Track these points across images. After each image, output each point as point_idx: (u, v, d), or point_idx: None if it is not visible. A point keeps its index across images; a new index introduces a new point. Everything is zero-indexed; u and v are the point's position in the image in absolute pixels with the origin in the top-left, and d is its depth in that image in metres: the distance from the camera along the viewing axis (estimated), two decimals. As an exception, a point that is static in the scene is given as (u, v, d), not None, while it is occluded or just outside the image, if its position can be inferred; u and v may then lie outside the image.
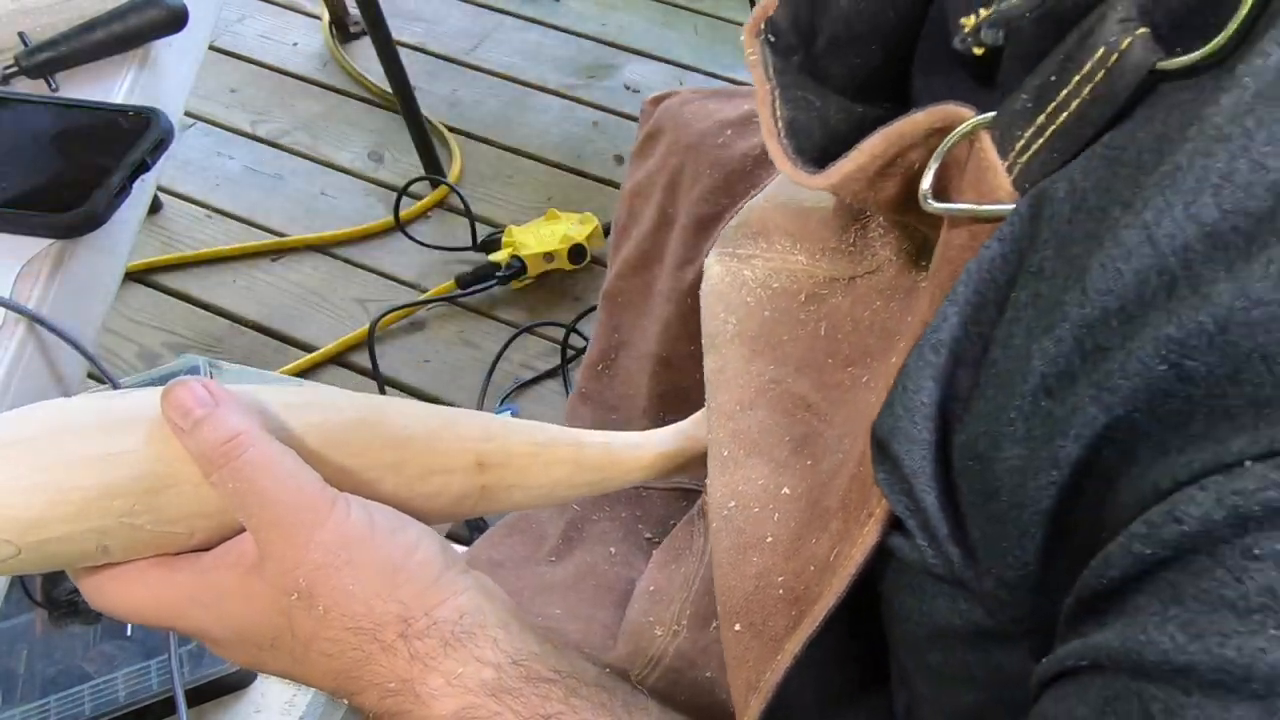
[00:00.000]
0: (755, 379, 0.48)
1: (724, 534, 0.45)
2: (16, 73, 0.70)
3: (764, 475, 0.45)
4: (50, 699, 0.77)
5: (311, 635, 0.40)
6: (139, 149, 0.63)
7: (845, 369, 0.46)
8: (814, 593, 0.40)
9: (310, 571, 0.40)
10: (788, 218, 0.53)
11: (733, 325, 0.50)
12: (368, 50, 1.75)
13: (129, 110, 0.66)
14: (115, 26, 0.70)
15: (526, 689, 0.40)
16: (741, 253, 0.54)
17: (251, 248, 1.66)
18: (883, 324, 0.46)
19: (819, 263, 0.51)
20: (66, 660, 0.79)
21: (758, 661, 0.41)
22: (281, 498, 0.40)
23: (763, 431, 0.46)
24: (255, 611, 0.41)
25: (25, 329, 0.59)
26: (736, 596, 0.43)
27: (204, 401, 0.40)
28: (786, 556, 0.42)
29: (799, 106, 0.43)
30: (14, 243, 0.61)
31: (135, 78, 0.71)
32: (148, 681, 0.77)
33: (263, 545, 0.40)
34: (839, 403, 0.45)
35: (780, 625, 0.41)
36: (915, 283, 0.45)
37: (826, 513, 0.42)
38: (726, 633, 0.43)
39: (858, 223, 0.50)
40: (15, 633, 0.81)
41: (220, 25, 1.96)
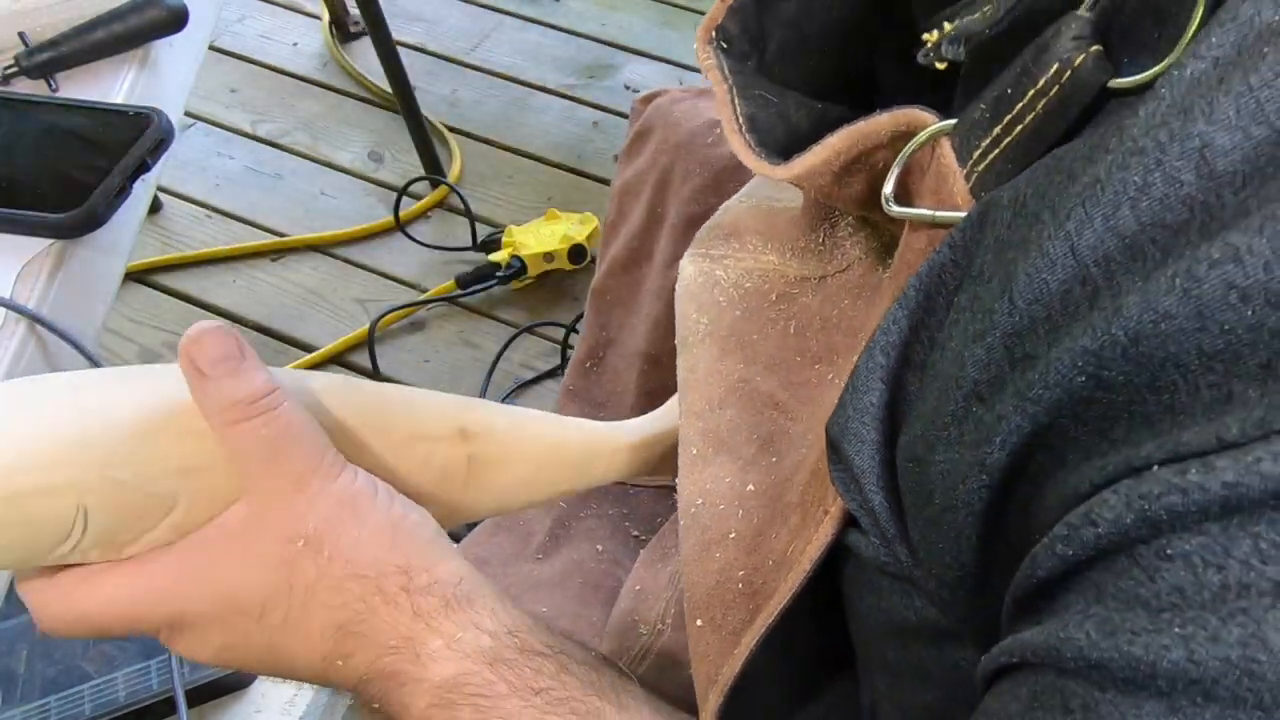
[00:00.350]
0: (725, 378, 0.48)
1: (691, 531, 0.45)
2: (16, 73, 0.70)
3: (730, 473, 0.45)
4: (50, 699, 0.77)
5: (314, 583, 0.40)
6: (139, 149, 0.63)
7: (813, 367, 0.47)
8: (771, 587, 0.40)
9: (319, 518, 0.40)
10: (759, 218, 0.54)
11: (704, 325, 0.51)
12: (368, 50, 1.75)
13: (129, 110, 0.66)
14: (115, 26, 0.70)
15: (521, 661, 0.40)
16: (714, 253, 0.54)
17: (251, 248, 1.66)
18: (849, 322, 0.46)
19: (789, 262, 0.52)
20: (66, 660, 0.79)
21: (717, 656, 0.42)
22: (301, 451, 0.40)
23: (731, 430, 0.47)
24: (250, 568, 0.40)
25: (25, 329, 0.59)
26: (699, 592, 0.43)
27: (234, 353, 0.40)
28: (748, 551, 0.42)
29: (758, 104, 0.43)
30: (14, 243, 0.61)
31: (135, 78, 0.72)
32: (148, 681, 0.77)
33: (270, 496, 0.40)
34: (806, 400, 0.46)
35: (738, 619, 0.41)
36: (881, 281, 0.46)
37: (787, 508, 0.42)
38: (690, 628, 0.43)
39: (827, 222, 0.51)
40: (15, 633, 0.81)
41: (220, 25, 1.96)
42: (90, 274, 0.64)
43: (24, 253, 0.61)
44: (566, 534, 0.71)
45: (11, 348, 0.59)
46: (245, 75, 1.94)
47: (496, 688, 0.40)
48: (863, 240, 0.49)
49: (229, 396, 0.39)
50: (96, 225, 0.62)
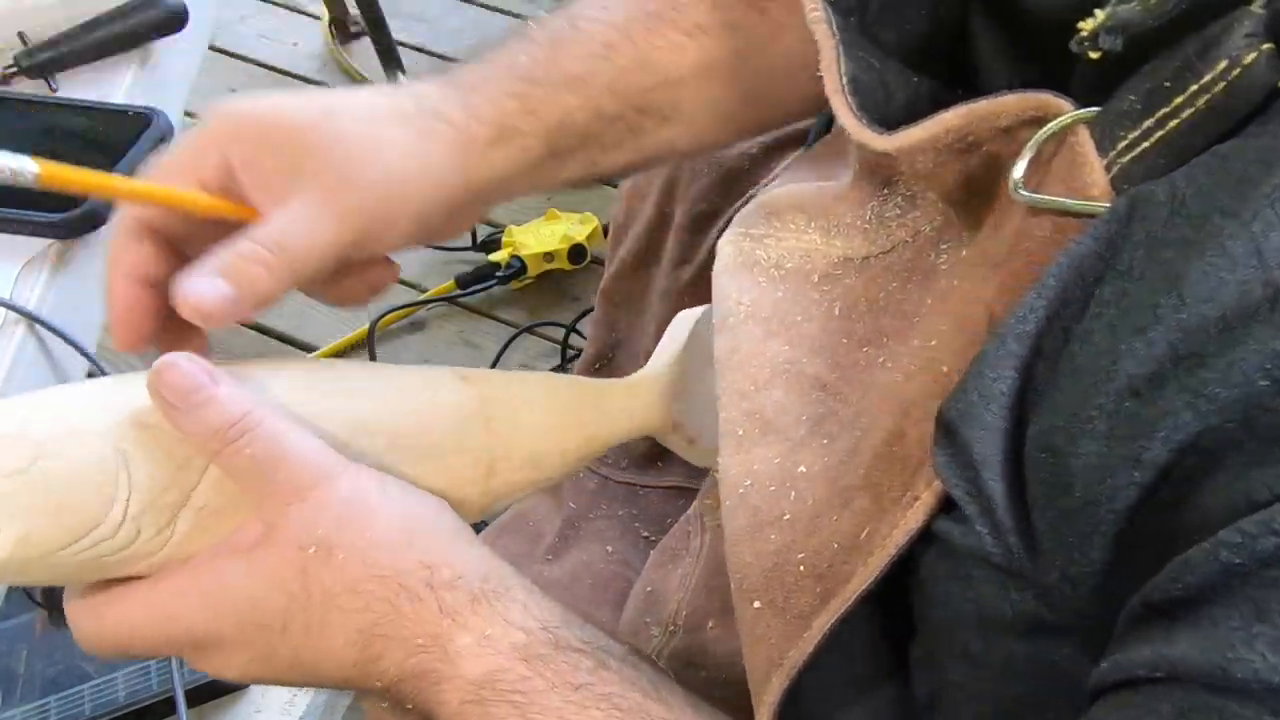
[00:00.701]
0: (770, 360, 0.47)
1: (739, 512, 0.44)
2: (16, 73, 0.70)
3: (780, 454, 0.45)
4: (50, 699, 0.77)
5: (331, 589, 0.39)
6: (139, 149, 0.64)
7: (861, 349, 0.46)
8: (842, 571, 0.40)
9: (328, 522, 0.39)
10: (803, 196, 0.53)
11: (745, 306, 0.50)
12: (368, 50, 1.75)
13: (129, 110, 0.66)
14: (115, 26, 0.70)
15: (557, 656, 0.40)
16: (755, 233, 0.53)
17: (251, 248, 1.66)
18: (898, 306, 0.45)
19: (833, 241, 0.51)
20: (66, 660, 0.79)
21: (780, 639, 0.41)
22: (296, 461, 0.40)
23: (778, 411, 0.46)
24: (264, 580, 0.40)
25: (25, 329, 0.59)
26: (754, 574, 0.42)
27: (202, 384, 0.39)
28: (806, 534, 0.42)
29: (861, 66, 0.42)
30: (14, 243, 0.61)
31: (135, 78, 0.72)
32: (148, 681, 0.77)
33: (275, 511, 0.40)
34: (855, 384, 0.45)
35: (804, 603, 0.40)
36: (934, 265, 0.45)
37: (847, 491, 0.41)
38: (744, 610, 0.43)
39: (875, 199, 0.50)
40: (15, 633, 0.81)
41: (220, 25, 1.96)
42: (90, 274, 0.64)
43: (24, 253, 0.61)
44: (576, 535, 0.71)
45: (11, 348, 0.59)
46: (245, 75, 1.94)
47: (533, 683, 0.39)
48: (910, 222, 0.48)
49: (205, 427, 0.39)
50: (96, 225, 0.62)
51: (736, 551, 0.44)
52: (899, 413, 0.40)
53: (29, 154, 0.40)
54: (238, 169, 0.43)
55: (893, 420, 0.40)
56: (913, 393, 0.40)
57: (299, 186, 0.42)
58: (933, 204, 0.46)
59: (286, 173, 0.43)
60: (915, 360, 0.40)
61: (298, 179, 0.42)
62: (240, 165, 0.43)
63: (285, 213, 0.42)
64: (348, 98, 0.46)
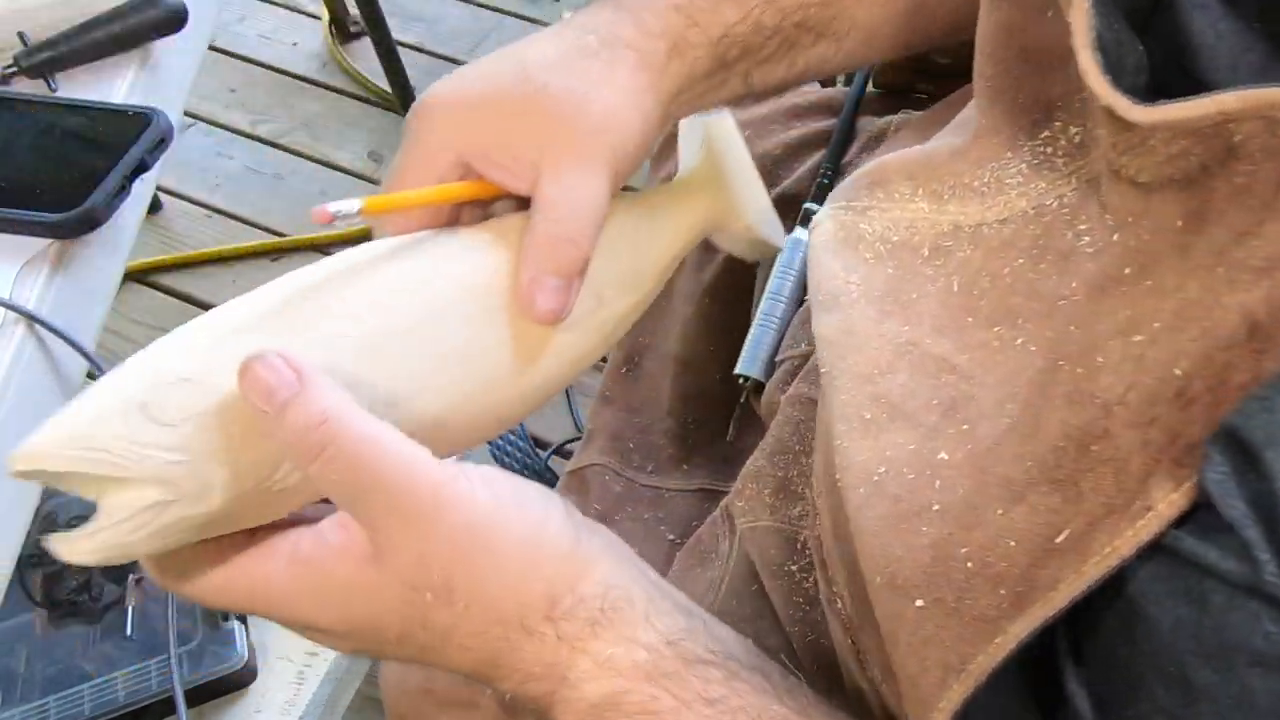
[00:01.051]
0: (890, 341, 0.45)
1: (876, 501, 0.42)
2: (16, 73, 0.70)
3: (913, 440, 0.42)
4: (50, 699, 0.77)
5: (449, 630, 0.38)
6: (138, 149, 0.63)
7: (990, 329, 0.43)
8: (1037, 576, 0.37)
9: (445, 565, 0.37)
10: (911, 161, 0.50)
11: (855, 285, 0.48)
12: (368, 50, 1.75)
13: (128, 110, 0.66)
14: (115, 26, 0.70)
15: (685, 671, 0.38)
16: (858, 205, 0.51)
17: (251, 248, 1.66)
18: (1030, 285, 0.43)
19: (945, 207, 0.48)
20: (66, 660, 0.79)
21: (958, 643, 0.38)
22: (392, 482, 0.36)
23: (905, 395, 0.44)
24: (382, 607, 0.38)
25: (25, 329, 0.59)
26: (909, 569, 0.40)
27: (288, 382, 0.36)
28: (964, 527, 0.39)
29: (1104, 23, 0.39)
30: (14, 243, 0.61)
31: (135, 78, 0.72)
32: (147, 681, 0.77)
33: (380, 536, 0.37)
34: (989, 365, 0.43)
35: (986, 605, 0.38)
36: (1074, 247, 0.42)
37: (1007, 483, 0.39)
38: (901, 607, 0.40)
39: (996, 162, 0.47)
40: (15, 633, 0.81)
41: (220, 25, 1.96)
42: (90, 274, 0.64)
43: (23, 252, 0.61)
44: None
45: (11, 348, 0.59)
46: (245, 75, 1.94)
47: (662, 702, 0.37)
48: (1032, 193, 0.45)
49: (288, 436, 0.36)
50: (96, 225, 0.62)
51: (881, 543, 0.41)
52: (1087, 407, 0.37)
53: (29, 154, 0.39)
54: (474, 162, 0.45)
55: (1073, 414, 0.37)
56: (1113, 390, 0.37)
57: (548, 154, 0.44)
58: (1061, 178, 0.44)
59: (526, 148, 0.44)
60: (1100, 353, 0.37)
61: (544, 148, 0.44)
62: (476, 157, 0.45)
63: (552, 183, 0.43)
64: (538, 54, 0.46)
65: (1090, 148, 0.43)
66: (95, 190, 0.61)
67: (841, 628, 0.53)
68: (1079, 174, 0.44)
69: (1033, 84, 0.46)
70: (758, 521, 0.63)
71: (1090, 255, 0.41)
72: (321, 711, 0.81)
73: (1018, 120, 0.46)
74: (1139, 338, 0.36)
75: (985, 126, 0.48)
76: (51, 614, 0.82)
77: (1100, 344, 0.38)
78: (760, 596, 0.62)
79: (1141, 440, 0.35)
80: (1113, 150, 0.38)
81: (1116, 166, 0.39)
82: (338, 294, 0.40)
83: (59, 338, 0.60)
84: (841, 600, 0.53)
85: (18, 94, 0.68)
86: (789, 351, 0.69)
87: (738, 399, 0.72)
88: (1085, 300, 0.40)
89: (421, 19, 2.02)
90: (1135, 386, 0.35)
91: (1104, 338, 0.38)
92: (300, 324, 0.39)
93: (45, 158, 0.64)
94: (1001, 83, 0.47)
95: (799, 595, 0.60)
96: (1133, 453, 0.35)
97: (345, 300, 0.40)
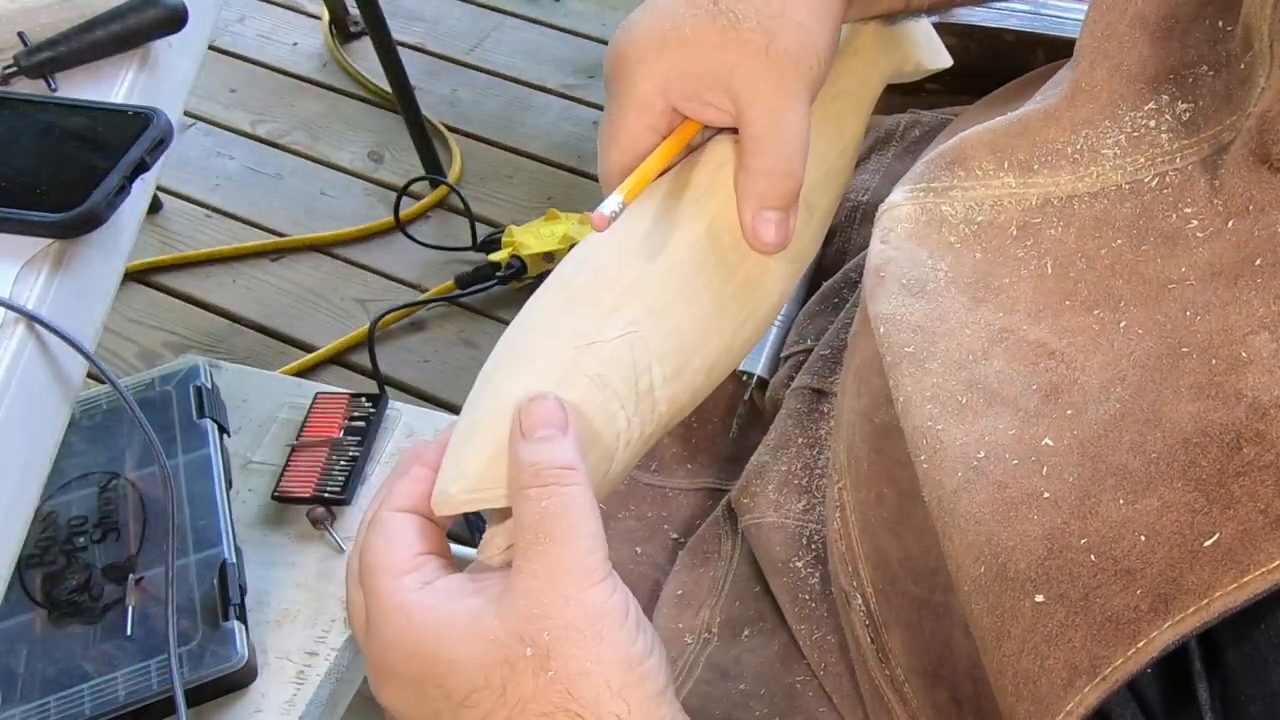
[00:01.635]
0: (984, 329, 0.44)
1: (977, 487, 0.40)
2: (16, 73, 0.70)
3: (1013, 425, 0.41)
4: (50, 699, 0.77)
5: (526, 699, 0.37)
6: (138, 149, 0.63)
7: (1091, 312, 0.42)
8: (1183, 580, 0.34)
9: (559, 629, 0.37)
10: (994, 133, 0.49)
11: (943, 271, 0.47)
12: (368, 50, 1.75)
13: (128, 110, 0.66)
14: (115, 26, 0.70)
15: None
16: (938, 185, 0.49)
17: (251, 248, 1.66)
18: (1132, 268, 0.41)
19: (1034, 179, 0.46)
20: (66, 660, 0.79)
21: (1090, 642, 0.36)
22: (570, 543, 0.38)
23: (1002, 381, 0.42)
24: (473, 648, 0.38)
25: (25, 329, 0.59)
26: (1022, 560, 0.38)
27: (558, 424, 0.40)
28: (1080, 517, 0.37)
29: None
30: (14, 243, 0.61)
31: (135, 78, 0.71)
32: (147, 681, 0.77)
33: (523, 576, 0.38)
34: (1090, 349, 0.41)
35: (1121, 605, 0.35)
36: (1180, 230, 0.41)
37: (1124, 472, 0.37)
38: (1016, 602, 0.38)
39: (1093, 129, 0.46)
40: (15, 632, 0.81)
41: (220, 25, 1.96)
42: (90, 274, 0.64)
43: (23, 252, 0.61)
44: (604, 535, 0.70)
45: (10, 348, 0.58)
46: (245, 75, 1.94)
47: None
48: (1128, 167, 0.44)
49: (530, 459, 0.39)
50: (96, 225, 0.62)
51: (987, 531, 0.39)
52: (1230, 403, 0.35)
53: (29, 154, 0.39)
54: (681, 104, 0.47)
55: (1209, 408, 0.36)
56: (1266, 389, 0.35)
57: (747, 86, 0.45)
58: (1164, 155, 0.43)
59: (728, 81, 0.46)
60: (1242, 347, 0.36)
61: (744, 80, 0.45)
62: (681, 99, 0.47)
63: (759, 117, 0.45)
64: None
65: (1201, 126, 0.42)
66: (95, 190, 0.61)
67: (860, 625, 0.53)
68: (1186, 153, 0.42)
69: (1142, 51, 0.45)
70: (762, 518, 0.62)
71: (1202, 240, 0.39)
72: (321, 711, 0.81)
73: (1122, 88, 0.45)
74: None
75: (1084, 89, 0.46)
76: (51, 614, 0.82)
77: (1240, 337, 0.36)
78: (763, 596, 0.62)
79: None
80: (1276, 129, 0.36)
81: (1273, 150, 0.37)
82: (612, 288, 0.45)
83: (59, 338, 0.60)
84: (863, 596, 0.53)
85: (18, 94, 0.68)
86: (794, 348, 0.69)
87: (742, 396, 0.72)
88: (1202, 287, 0.38)
89: (421, 19, 2.02)
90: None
91: (1243, 331, 0.36)
92: (600, 316, 0.44)
93: (45, 158, 0.64)
94: (1109, 45, 0.45)
95: (805, 592, 0.60)
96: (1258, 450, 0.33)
97: (623, 289, 0.45)
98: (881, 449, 0.51)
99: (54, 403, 0.61)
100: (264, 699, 0.80)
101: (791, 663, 0.59)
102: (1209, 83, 0.43)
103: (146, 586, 0.82)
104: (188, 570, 0.82)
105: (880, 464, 0.51)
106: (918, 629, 0.49)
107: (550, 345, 0.43)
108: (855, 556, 0.53)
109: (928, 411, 0.43)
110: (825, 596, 0.59)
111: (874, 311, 0.48)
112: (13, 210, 0.61)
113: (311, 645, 0.83)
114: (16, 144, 0.64)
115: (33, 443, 0.59)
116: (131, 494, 0.88)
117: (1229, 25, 0.43)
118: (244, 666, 0.78)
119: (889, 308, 0.47)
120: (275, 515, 0.91)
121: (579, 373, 0.42)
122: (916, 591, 0.49)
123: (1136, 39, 0.45)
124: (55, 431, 0.61)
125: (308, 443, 0.93)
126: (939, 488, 0.42)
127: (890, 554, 0.50)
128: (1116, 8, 0.45)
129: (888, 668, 0.51)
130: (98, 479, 0.89)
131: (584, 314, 0.44)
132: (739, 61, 0.46)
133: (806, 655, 0.58)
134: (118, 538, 0.85)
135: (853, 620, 0.54)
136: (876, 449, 0.51)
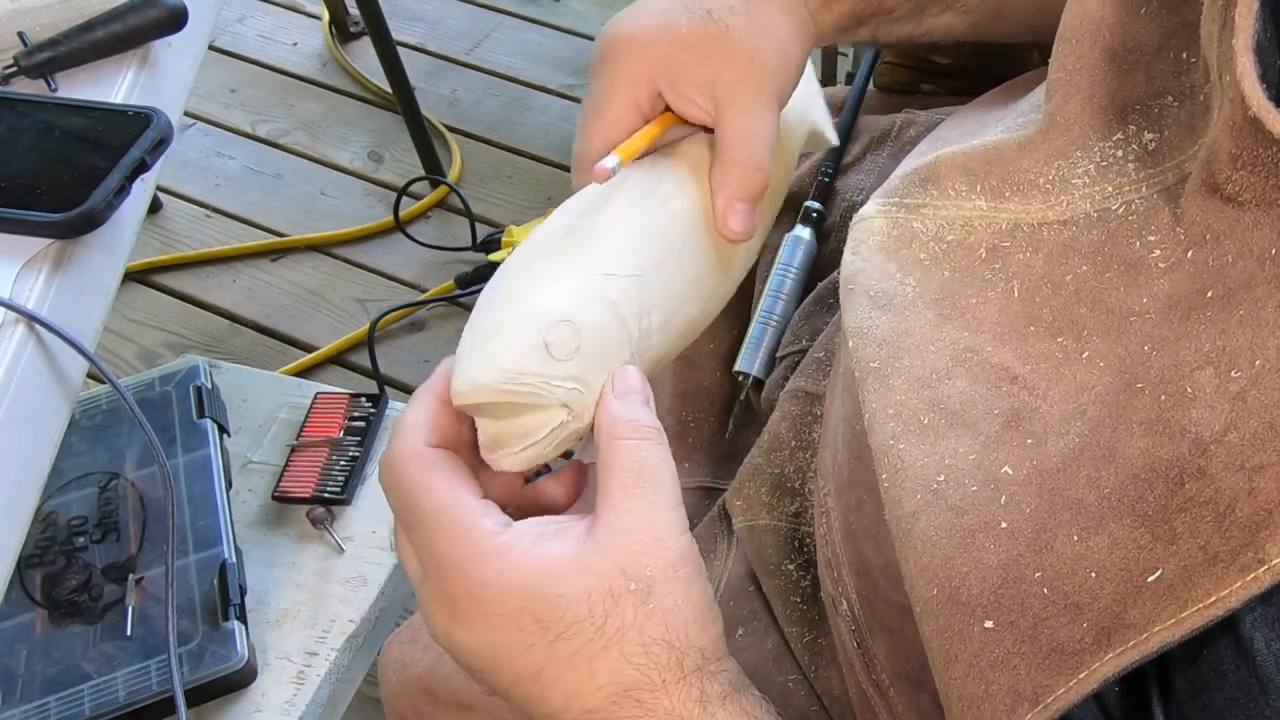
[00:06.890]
0: (948, 347, 0.45)
1: (935, 510, 0.41)
2: (16, 73, 0.70)
3: (974, 449, 0.42)
4: (50, 699, 0.77)
5: (626, 629, 0.40)
6: (138, 149, 0.63)
7: (1054, 339, 0.43)
8: (1125, 614, 0.35)
9: (660, 567, 0.41)
10: (969, 156, 0.49)
11: (911, 286, 0.47)
12: (368, 50, 1.75)
13: (128, 110, 0.66)
14: (115, 26, 0.70)
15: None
16: (909, 202, 0.50)
17: (251, 248, 1.66)
18: (1096, 294, 0.42)
19: (1004, 204, 0.47)
20: (66, 660, 0.79)
21: (1034, 671, 0.37)
22: (665, 492, 0.42)
23: (964, 402, 0.43)
24: (577, 584, 0.40)
25: (25, 329, 0.59)
26: (975, 586, 0.39)
27: (644, 394, 0.44)
28: (1036, 550, 0.38)
29: (1265, 31, 0.37)
30: (14, 243, 0.61)
31: (135, 78, 0.71)
32: (147, 681, 0.77)
33: (622, 518, 0.41)
34: (1053, 378, 0.42)
35: (1066, 637, 0.36)
36: (1143, 259, 0.41)
37: (1079, 507, 0.37)
38: (966, 626, 0.39)
39: (1064, 159, 0.46)
40: (15, 633, 0.81)
41: (220, 25, 1.96)
42: (90, 274, 0.64)
43: (23, 252, 0.61)
44: None
45: (10, 348, 0.58)
46: (245, 75, 1.94)
47: None
48: (1096, 196, 0.44)
49: (623, 415, 0.43)
50: (96, 225, 0.62)
51: (943, 555, 0.40)
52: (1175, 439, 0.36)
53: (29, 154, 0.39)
54: (664, 91, 0.50)
55: (1158, 444, 0.36)
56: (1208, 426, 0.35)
57: (728, 91, 0.49)
58: (1131, 183, 0.43)
59: (710, 83, 0.49)
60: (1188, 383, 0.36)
61: (725, 84, 0.49)
62: (666, 87, 0.50)
63: (735, 118, 0.49)
64: None
65: (1166, 156, 0.42)
66: (95, 190, 0.61)
67: (846, 630, 0.53)
68: (1151, 182, 0.43)
69: (1111, 83, 0.45)
70: (755, 520, 0.62)
71: (1163, 270, 0.40)
72: (321, 711, 0.81)
73: (1092, 119, 0.46)
74: (1237, 374, 0.34)
75: (1058, 122, 0.47)
76: (51, 614, 0.82)
77: (1187, 373, 0.36)
78: (757, 597, 0.62)
79: (1247, 487, 0.33)
80: (1228, 162, 0.36)
81: (1219, 180, 0.37)
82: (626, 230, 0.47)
83: (59, 338, 0.60)
84: (848, 601, 0.53)
85: (18, 94, 0.68)
86: (789, 348, 0.69)
87: (737, 396, 0.72)
88: (1160, 320, 0.39)
89: (421, 19, 2.02)
90: (1236, 427, 0.33)
91: (1190, 366, 0.36)
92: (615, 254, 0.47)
93: (45, 158, 0.64)
94: (1080, 78, 0.46)
95: (796, 594, 0.60)
96: (1237, 499, 0.33)
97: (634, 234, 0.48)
98: (861, 456, 0.51)
99: (54, 403, 0.61)
100: (264, 699, 0.80)
101: (783, 663, 0.59)
102: (1174, 113, 0.43)
103: (146, 586, 0.82)
104: (188, 570, 0.82)
105: (860, 471, 0.51)
106: (900, 635, 0.49)
107: (569, 268, 0.45)
108: (840, 562, 0.53)
109: (890, 429, 0.44)
110: (816, 600, 0.59)
111: (845, 323, 0.49)
112: (13, 210, 0.61)
113: (311, 645, 0.83)
114: (16, 144, 0.64)
115: (33, 443, 0.59)
116: (131, 494, 0.88)
117: (1192, 57, 0.44)
118: (244, 667, 0.78)
119: (856, 320, 0.48)
120: (275, 515, 0.91)
121: (599, 297, 0.45)
122: (898, 598, 0.48)
123: (1105, 71, 0.45)
124: (55, 432, 0.61)
125: (308, 443, 0.94)
126: (898, 507, 0.43)
127: (872, 561, 0.51)
128: (1085, 41, 0.46)
129: (873, 672, 0.51)
130: (98, 479, 0.89)
131: (600, 250, 0.46)
132: (724, 68, 0.49)
133: (798, 657, 0.58)
134: (118, 538, 0.85)
135: (839, 624, 0.54)
136: (857, 456, 0.51)
